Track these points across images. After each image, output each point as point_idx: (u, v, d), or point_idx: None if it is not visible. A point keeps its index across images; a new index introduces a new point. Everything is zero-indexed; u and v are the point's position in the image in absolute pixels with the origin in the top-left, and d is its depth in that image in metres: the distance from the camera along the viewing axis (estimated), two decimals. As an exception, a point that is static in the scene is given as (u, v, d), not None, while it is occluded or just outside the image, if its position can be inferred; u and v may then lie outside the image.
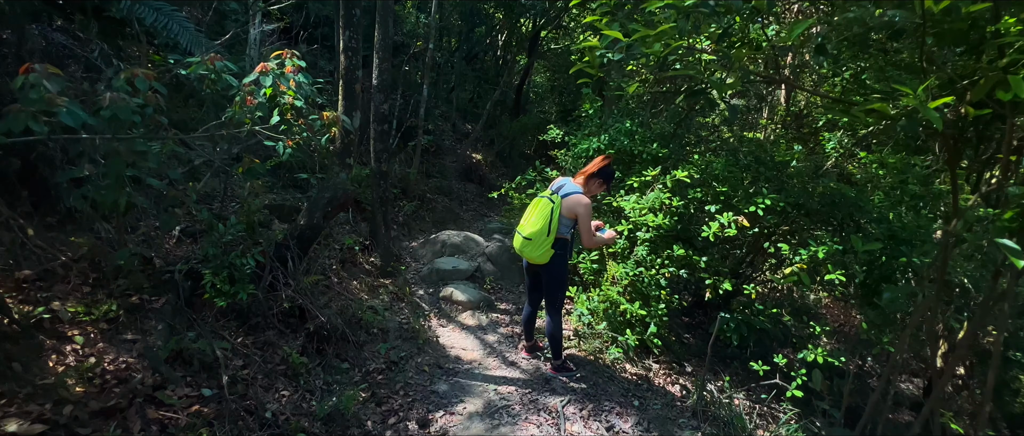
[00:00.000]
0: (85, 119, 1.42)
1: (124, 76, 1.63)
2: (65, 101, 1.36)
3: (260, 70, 2.03)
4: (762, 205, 3.67)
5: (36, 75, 1.35)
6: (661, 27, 1.60)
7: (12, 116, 1.28)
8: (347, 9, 4.01)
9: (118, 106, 1.50)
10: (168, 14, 3.69)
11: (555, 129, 5.72)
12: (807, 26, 1.44)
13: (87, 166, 1.66)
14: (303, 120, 2.11)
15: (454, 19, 11.27)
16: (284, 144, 2.16)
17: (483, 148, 10.71)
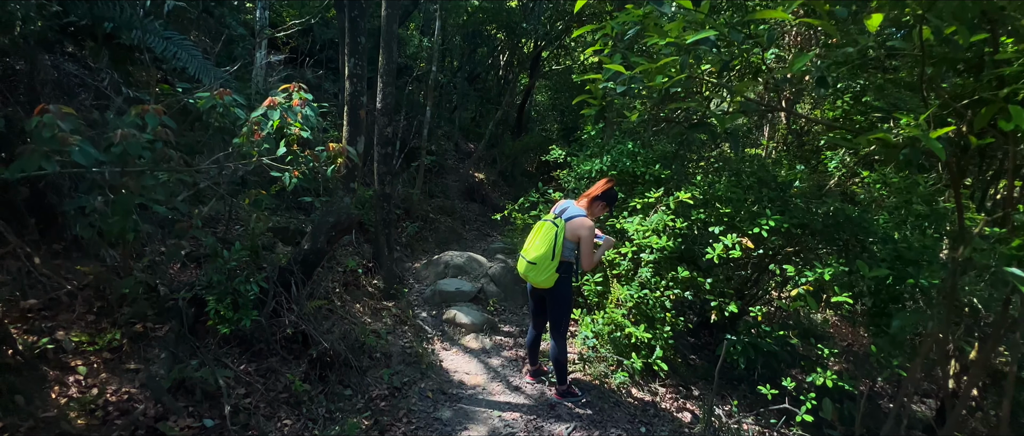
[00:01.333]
0: (96, 157, 1.44)
1: (135, 112, 1.66)
2: (77, 140, 1.39)
3: (268, 104, 2.06)
4: (766, 226, 3.66)
5: (50, 116, 1.38)
6: (663, 60, 1.62)
7: (25, 157, 1.30)
8: (352, 37, 4.09)
9: (128, 143, 1.53)
10: (177, 43, 3.77)
11: (557, 150, 5.76)
12: (808, 59, 1.46)
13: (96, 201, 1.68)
14: (309, 151, 2.14)
15: (456, 40, 11.47)
16: (290, 174, 2.18)
17: (485, 167, 10.77)
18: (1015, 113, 1.52)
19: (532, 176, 12.52)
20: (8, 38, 3.10)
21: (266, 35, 5.22)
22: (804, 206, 4.11)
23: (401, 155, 7.45)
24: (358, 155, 4.32)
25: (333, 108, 7.72)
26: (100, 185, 1.71)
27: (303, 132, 2.10)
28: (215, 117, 1.96)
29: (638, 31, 1.49)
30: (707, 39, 1.38)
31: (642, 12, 1.43)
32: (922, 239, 4.00)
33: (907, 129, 1.65)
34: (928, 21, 1.47)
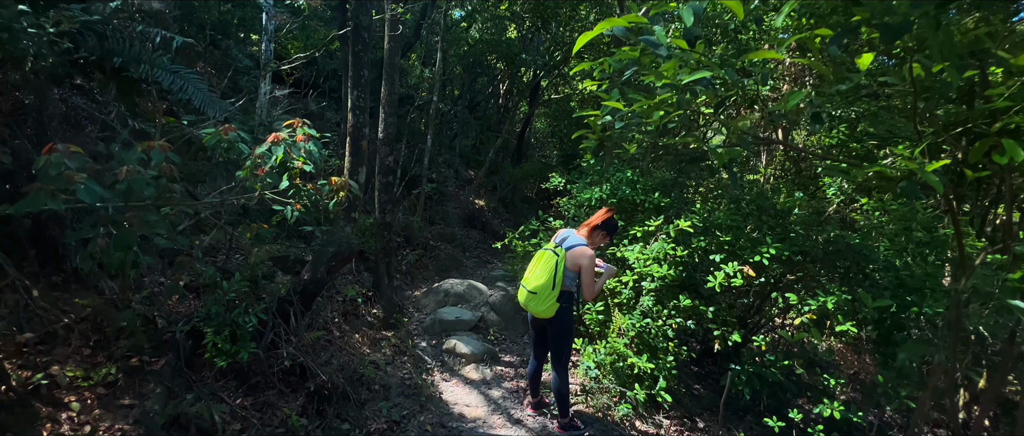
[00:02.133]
0: (102, 195, 1.45)
1: (140, 148, 1.69)
2: (82, 178, 1.40)
3: (272, 140, 2.09)
4: (767, 254, 3.65)
5: (58, 155, 1.40)
6: (659, 97, 1.66)
7: (32, 196, 1.32)
8: (356, 71, 4.18)
9: (133, 180, 1.55)
10: (184, 76, 3.85)
11: (557, 177, 5.80)
12: (802, 97, 1.49)
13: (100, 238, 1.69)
14: (312, 185, 2.17)
15: (457, 70, 11.71)
16: (292, 208, 2.19)
17: (486, 194, 10.83)
18: (1008, 147, 1.55)
19: (532, 202, 12.57)
20: (19, 73, 3.17)
21: (271, 68, 5.34)
22: (804, 233, 4.12)
23: (402, 183, 7.50)
24: (360, 185, 4.36)
25: (335, 137, 7.84)
26: (103, 219, 1.72)
27: (306, 166, 2.13)
28: (220, 152, 1.99)
29: (634, 71, 1.53)
30: (703, 78, 1.42)
31: (637, 53, 1.47)
32: (924, 266, 3.99)
33: (903, 162, 1.67)
34: (917, 58, 1.51)
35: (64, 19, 2.91)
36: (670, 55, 1.39)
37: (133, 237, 1.67)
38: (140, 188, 1.55)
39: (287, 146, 2.07)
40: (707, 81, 1.41)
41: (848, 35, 1.24)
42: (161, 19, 3.70)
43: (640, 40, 1.33)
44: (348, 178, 4.69)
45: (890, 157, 5.27)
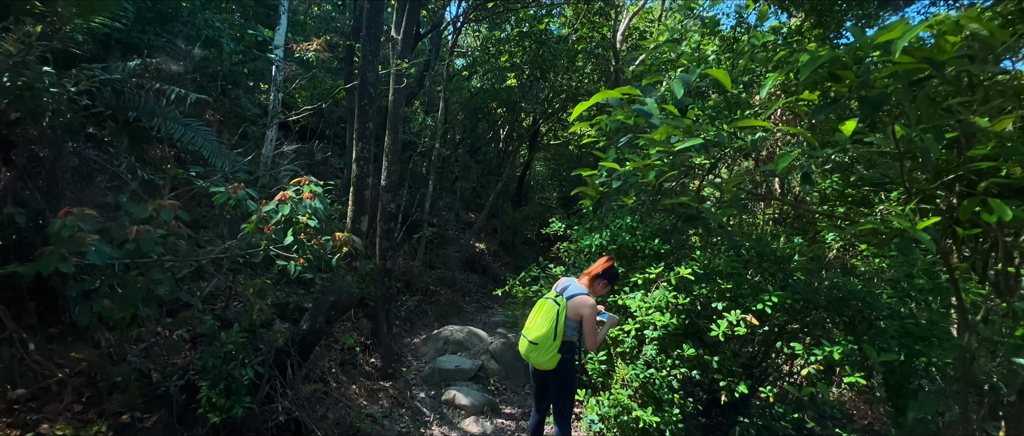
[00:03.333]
0: (111, 255, 1.48)
1: (151, 207, 1.73)
2: (94, 239, 1.44)
3: (280, 199, 2.15)
4: (769, 302, 3.63)
5: (73, 219, 1.44)
6: (653, 158, 1.72)
7: (44, 259, 1.35)
8: (361, 123, 4.32)
9: (142, 239, 1.58)
10: (195, 129, 3.98)
11: (557, 222, 5.85)
12: (792, 158, 1.55)
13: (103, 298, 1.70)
14: (316, 240, 2.20)
15: (459, 116, 12.05)
16: (296, 263, 2.21)
17: (486, 237, 10.87)
18: (996, 207, 1.58)
19: (533, 244, 12.59)
20: (37, 128, 3.28)
21: (279, 119, 5.52)
22: (805, 280, 4.11)
23: (403, 228, 7.56)
24: (362, 234, 4.40)
25: (338, 183, 7.96)
26: (109, 275, 1.74)
27: (310, 221, 2.17)
28: (228, 210, 2.04)
29: (630, 137, 1.60)
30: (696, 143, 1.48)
31: (632, 120, 1.55)
32: (929, 314, 3.96)
33: (895, 220, 1.71)
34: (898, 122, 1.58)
35: (84, 78, 3.04)
36: (663, 122, 1.46)
37: (139, 296, 1.68)
38: (149, 248, 1.58)
39: (294, 204, 2.13)
40: (698, 147, 1.48)
41: (830, 107, 1.31)
42: (179, 79, 3.87)
43: (634, 109, 1.40)
44: (351, 226, 4.75)
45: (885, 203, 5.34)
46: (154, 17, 6.04)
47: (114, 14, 3.46)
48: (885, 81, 1.27)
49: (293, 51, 9.55)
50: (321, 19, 13.14)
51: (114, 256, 1.50)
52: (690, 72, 1.50)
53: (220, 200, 2.03)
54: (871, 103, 1.24)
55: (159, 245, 1.63)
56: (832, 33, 5.65)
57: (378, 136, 6.40)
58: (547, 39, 8.88)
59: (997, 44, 1.10)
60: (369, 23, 4.38)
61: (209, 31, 6.61)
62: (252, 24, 9.83)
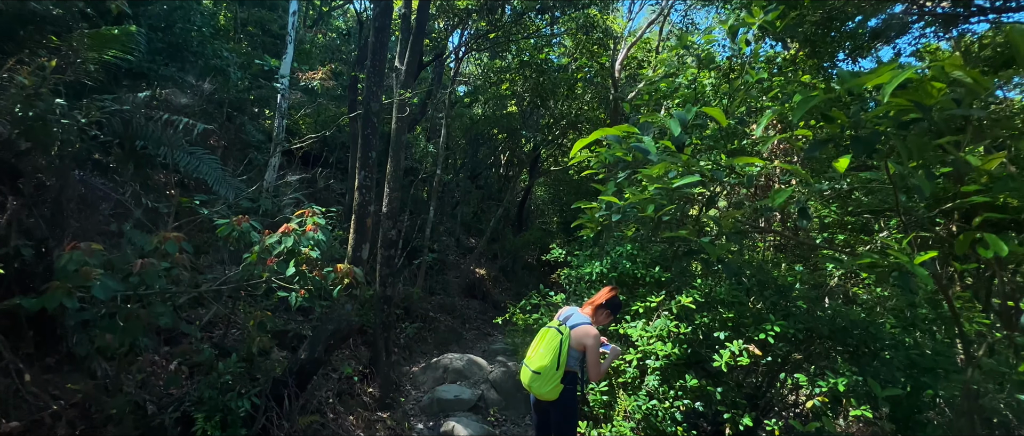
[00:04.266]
0: (116, 290, 1.49)
1: (156, 240, 1.75)
2: (99, 274, 1.45)
3: (283, 231, 2.17)
4: (772, 332, 3.61)
5: (80, 254, 1.46)
6: (651, 194, 1.75)
7: (49, 294, 1.36)
8: (364, 152, 4.39)
9: (147, 272, 1.60)
10: (199, 157, 4.04)
11: (557, 249, 5.86)
12: (788, 194, 1.58)
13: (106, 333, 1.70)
14: (317, 272, 2.21)
15: (460, 142, 12.21)
16: (296, 294, 2.22)
17: (486, 263, 10.85)
18: (991, 242, 1.60)
19: (533, 269, 12.54)
20: (45, 158, 3.33)
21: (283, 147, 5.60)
22: (808, 310, 4.08)
23: (403, 253, 7.56)
24: (363, 261, 4.41)
25: (340, 209, 8.01)
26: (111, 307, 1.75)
27: (313, 252, 2.19)
28: (232, 243, 2.06)
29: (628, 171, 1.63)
30: (693, 177, 1.51)
31: (630, 157, 1.58)
32: (934, 344, 3.92)
33: (893, 253, 1.73)
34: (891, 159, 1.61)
35: (95, 109, 3.11)
36: (661, 158, 1.49)
37: (140, 329, 1.68)
38: (153, 281, 1.59)
39: (297, 236, 2.15)
40: (695, 184, 1.50)
41: (823, 145, 1.34)
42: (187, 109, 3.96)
43: (632, 146, 1.44)
44: (352, 253, 4.75)
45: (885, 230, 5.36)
46: (164, 47, 6.21)
47: (127, 47, 3.56)
48: (876, 122, 1.31)
49: (299, 80, 9.75)
50: (327, 48, 13.46)
51: (118, 290, 1.51)
52: (687, 109, 1.54)
53: (224, 232, 2.05)
54: (863, 142, 1.28)
55: (163, 278, 1.64)
56: (826, 62, 5.80)
57: (380, 163, 6.48)
58: (547, 68, 9.08)
59: (981, 91, 1.14)
60: (374, 55, 4.51)
61: (217, 61, 6.79)
62: (259, 53, 10.08)
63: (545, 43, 9.07)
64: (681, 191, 1.50)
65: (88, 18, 3.61)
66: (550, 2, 7.54)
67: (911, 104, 1.19)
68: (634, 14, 12.18)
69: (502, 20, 7.71)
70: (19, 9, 3.06)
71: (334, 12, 15.99)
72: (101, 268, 1.49)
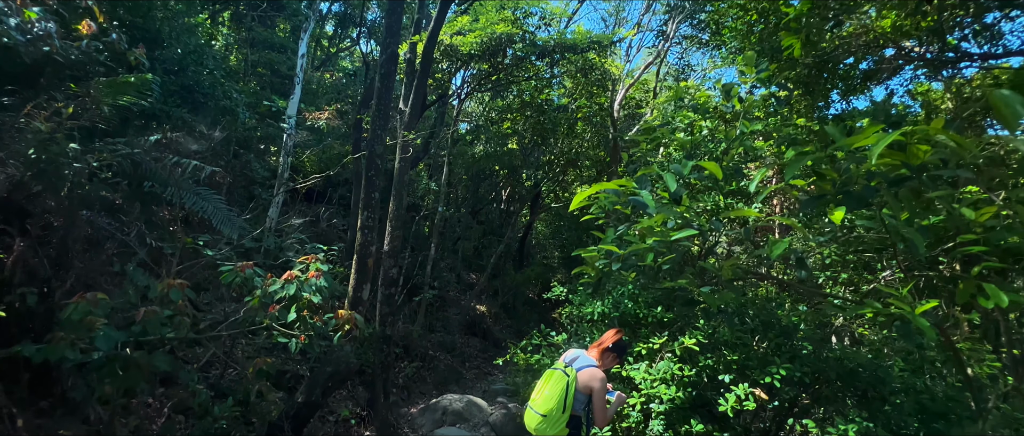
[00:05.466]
0: (118, 339, 1.50)
1: (161, 288, 1.77)
2: (102, 324, 1.46)
3: (285, 278, 2.19)
4: (778, 376, 3.54)
5: (86, 304, 1.48)
6: (650, 242, 1.77)
7: (53, 346, 1.37)
8: (367, 193, 4.45)
9: (149, 322, 1.60)
10: (206, 197, 4.10)
11: (559, 287, 5.82)
12: (786, 245, 1.60)
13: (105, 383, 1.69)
14: (318, 317, 2.22)
15: (462, 177, 12.36)
16: (297, 340, 2.21)
17: (487, 299, 10.76)
18: (991, 293, 1.61)
19: (534, 305, 12.41)
20: (54, 199, 3.39)
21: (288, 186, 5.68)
22: (814, 351, 4.02)
23: (404, 291, 7.52)
24: (364, 301, 4.39)
25: (342, 246, 8.03)
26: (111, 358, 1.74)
27: (314, 298, 2.20)
28: (234, 289, 2.07)
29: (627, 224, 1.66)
30: (691, 230, 1.54)
31: (629, 210, 1.62)
32: (946, 388, 3.83)
33: (895, 303, 1.73)
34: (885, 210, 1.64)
35: (107, 153, 3.19)
36: (659, 211, 1.52)
37: (140, 377, 1.67)
38: (155, 331, 1.60)
39: (300, 283, 2.16)
40: (696, 228, 1.53)
41: (817, 202, 1.38)
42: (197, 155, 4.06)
43: (630, 201, 1.48)
44: (352, 293, 4.74)
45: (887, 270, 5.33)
46: (177, 89, 6.41)
47: (141, 93, 3.68)
48: (868, 178, 1.35)
49: (305, 119, 9.99)
50: (333, 88, 13.85)
51: (120, 339, 1.52)
52: (682, 163, 1.59)
53: (228, 279, 2.07)
54: (855, 198, 1.31)
55: (166, 326, 1.65)
56: (820, 101, 5.95)
57: (383, 200, 6.56)
58: (548, 108, 9.31)
59: (965, 154, 1.18)
60: (379, 99, 4.65)
61: (226, 102, 6.99)
62: (268, 94, 10.38)
63: (545, 84, 9.33)
64: (679, 243, 1.53)
65: (106, 65, 3.75)
66: (550, 47, 7.82)
67: (900, 163, 1.23)
68: (632, 56, 12.59)
69: (504, 63, 7.97)
70: (41, 58, 3.19)
71: (341, 53, 16.56)
72: (105, 318, 1.49)
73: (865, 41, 5.54)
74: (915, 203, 1.45)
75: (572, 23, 13.22)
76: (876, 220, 1.89)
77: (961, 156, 1.20)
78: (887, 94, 6.53)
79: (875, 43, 5.54)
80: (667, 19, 10.04)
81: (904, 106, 5.54)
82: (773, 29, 5.26)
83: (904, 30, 5.22)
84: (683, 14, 9.25)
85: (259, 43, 12.01)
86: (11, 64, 3.45)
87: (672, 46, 10.43)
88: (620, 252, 1.76)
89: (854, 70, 5.75)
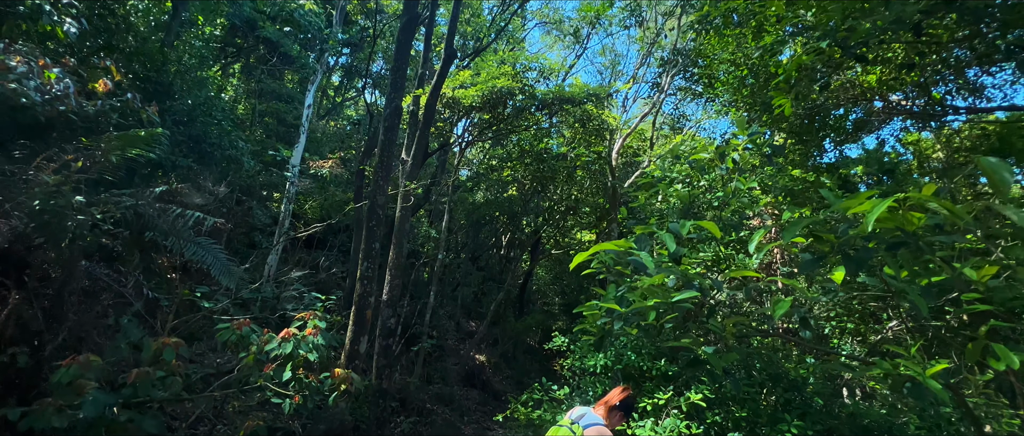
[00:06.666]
0: (107, 403, 1.46)
1: (155, 347, 1.74)
2: (92, 388, 1.42)
3: (283, 336, 2.16)
4: (789, 434, 3.40)
5: (77, 367, 1.45)
6: (652, 301, 1.75)
7: (39, 414, 1.33)
8: (368, 243, 4.47)
9: (141, 384, 1.56)
10: (206, 247, 4.10)
11: (560, 337, 5.71)
12: (788, 305, 1.58)
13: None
14: (314, 376, 2.16)
15: (462, 222, 12.41)
16: (291, 401, 2.14)
17: (487, 348, 10.51)
18: (1002, 353, 1.57)
19: (535, 353, 12.11)
20: (55, 251, 3.39)
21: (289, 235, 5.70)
22: (825, 406, 3.88)
23: (402, 341, 7.36)
24: (361, 354, 4.30)
25: (340, 293, 7.94)
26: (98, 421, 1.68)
27: (311, 355, 2.15)
28: (229, 347, 2.03)
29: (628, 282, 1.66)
30: (692, 289, 1.53)
31: (629, 270, 1.62)
32: (963, 446, 3.67)
33: (905, 364, 1.69)
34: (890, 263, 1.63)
35: (112, 206, 3.23)
36: (659, 271, 1.52)
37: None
38: (147, 392, 1.55)
39: (297, 340, 2.13)
40: (696, 286, 1.52)
41: (816, 263, 1.38)
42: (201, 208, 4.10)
43: (629, 261, 1.48)
44: (349, 346, 4.65)
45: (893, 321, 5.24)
46: (185, 140, 6.57)
47: (150, 145, 3.78)
48: (866, 240, 1.36)
49: (309, 167, 10.16)
50: (337, 137, 14.19)
51: (109, 403, 1.48)
52: (681, 224, 1.61)
53: (224, 337, 2.03)
54: (854, 261, 1.31)
55: (158, 388, 1.60)
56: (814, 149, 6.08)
57: (383, 246, 6.56)
58: (547, 156, 9.50)
59: (958, 222, 1.20)
60: (382, 151, 4.76)
61: (232, 151, 7.14)
62: (273, 142, 10.63)
63: (544, 133, 9.57)
64: (680, 304, 1.52)
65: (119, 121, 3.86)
66: (549, 100, 8.09)
67: (896, 229, 1.24)
68: (628, 106, 12.99)
69: (504, 113, 8.22)
70: (57, 116, 3.30)
71: (346, 101, 17.11)
72: (96, 381, 1.46)
73: (853, 95, 5.75)
74: (915, 266, 1.45)
75: (570, 75, 13.76)
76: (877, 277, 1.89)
77: (954, 223, 1.21)
78: (878, 143, 6.69)
79: (863, 96, 5.75)
80: (661, 72, 10.45)
81: (896, 154, 5.66)
82: (763, 84, 5.46)
83: (890, 84, 5.42)
84: (676, 68, 9.64)
85: (267, 93, 12.44)
86: (26, 118, 3.56)
87: (667, 97, 10.79)
88: (622, 310, 1.74)
89: (844, 120, 5.93)
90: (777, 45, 3.89)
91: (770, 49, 3.83)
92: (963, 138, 6.42)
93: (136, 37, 6.41)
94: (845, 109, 5.89)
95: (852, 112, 5.97)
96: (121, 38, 6.08)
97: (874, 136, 6.88)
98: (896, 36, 3.22)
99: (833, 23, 2.57)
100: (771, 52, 3.99)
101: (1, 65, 2.63)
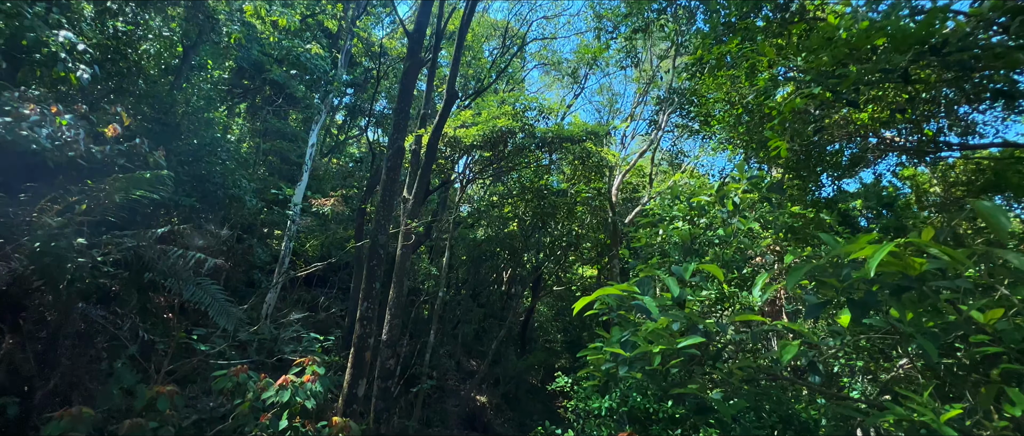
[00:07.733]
0: (92, 460, 1.41)
1: (149, 395, 1.69)
2: (81, 444, 1.38)
3: (280, 384, 2.11)
4: (803, 482, 3.26)
5: (68, 420, 1.41)
6: (658, 347, 1.73)
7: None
8: (369, 283, 4.44)
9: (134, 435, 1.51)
10: (205, 288, 4.07)
11: (563, 378, 5.57)
12: (795, 350, 1.56)
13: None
14: (310, 424, 2.10)
15: (462, 258, 12.35)
16: (286, 452, 2.07)
17: (488, 389, 10.24)
18: (1016, 398, 1.53)
19: (537, 392, 11.77)
20: (53, 293, 3.37)
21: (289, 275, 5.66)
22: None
23: (401, 382, 7.18)
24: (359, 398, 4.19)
25: (339, 331, 7.81)
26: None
27: (307, 403, 2.10)
28: (225, 394, 1.98)
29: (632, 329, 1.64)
30: (695, 331, 1.51)
31: (632, 315, 1.60)
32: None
33: (919, 410, 1.64)
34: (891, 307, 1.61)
35: (113, 247, 3.23)
36: (662, 315, 1.50)
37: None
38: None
39: (294, 388, 2.08)
40: (700, 331, 1.50)
41: (821, 309, 1.37)
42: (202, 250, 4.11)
43: (632, 305, 1.47)
44: (348, 390, 4.53)
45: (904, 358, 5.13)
46: (189, 179, 6.65)
47: (154, 187, 3.82)
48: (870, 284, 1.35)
49: (311, 206, 10.23)
50: (339, 175, 14.36)
51: (97, 459, 1.43)
52: (684, 267, 1.60)
53: (220, 385, 1.99)
54: (859, 306, 1.30)
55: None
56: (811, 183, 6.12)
57: (383, 285, 6.50)
58: (547, 192, 9.58)
59: (959, 266, 1.20)
60: (384, 190, 4.80)
61: (235, 190, 7.21)
62: (276, 180, 10.74)
63: (545, 170, 9.68)
64: (686, 350, 1.50)
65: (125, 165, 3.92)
66: (549, 138, 8.24)
67: (899, 272, 1.24)
68: (627, 143, 13.21)
69: (505, 151, 8.35)
70: (66, 161, 3.35)
71: (349, 139, 17.42)
72: (87, 434, 1.41)
73: (847, 131, 5.86)
74: (920, 310, 1.44)
75: (569, 113, 14.06)
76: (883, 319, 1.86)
77: (955, 268, 1.21)
78: (875, 178, 6.75)
79: (858, 133, 5.85)
80: (658, 110, 10.69)
81: (894, 188, 5.70)
82: (759, 122, 5.58)
83: (883, 122, 5.53)
84: (673, 106, 9.86)
85: (271, 132, 12.68)
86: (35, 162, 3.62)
87: (664, 134, 10.99)
88: (626, 355, 1.71)
89: (840, 156, 6.01)
90: (771, 86, 4.01)
91: (763, 92, 3.94)
92: (958, 173, 6.48)
93: (146, 80, 6.60)
94: (840, 145, 5.98)
95: (847, 148, 6.05)
96: (132, 82, 6.26)
97: (870, 171, 6.96)
98: (886, 77, 3.32)
99: (824, 69, 2.65)
100: (765, 94, 4.11)
101: (15, 113, 2.70)
